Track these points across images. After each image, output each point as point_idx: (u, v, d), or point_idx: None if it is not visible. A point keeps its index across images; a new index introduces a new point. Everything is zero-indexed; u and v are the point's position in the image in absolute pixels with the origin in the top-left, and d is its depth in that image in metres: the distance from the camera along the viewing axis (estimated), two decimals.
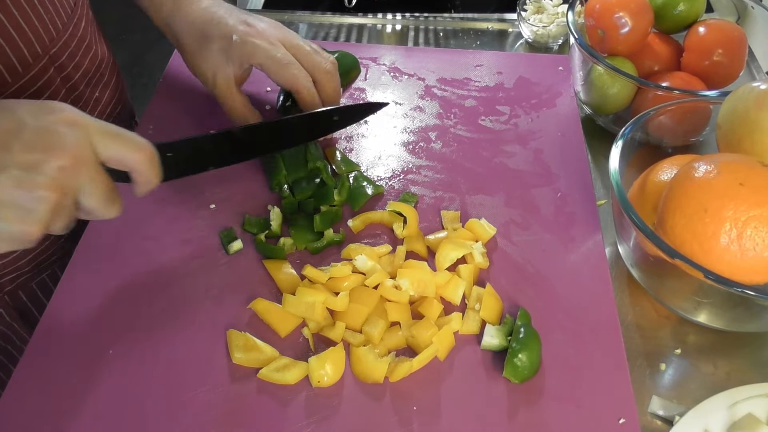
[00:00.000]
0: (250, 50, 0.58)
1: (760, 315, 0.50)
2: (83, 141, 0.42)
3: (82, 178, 0.42)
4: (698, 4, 0.69)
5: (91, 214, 0.45)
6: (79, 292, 0.53)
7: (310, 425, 0.45)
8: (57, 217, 0.42)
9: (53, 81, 0.61)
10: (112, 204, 0.45)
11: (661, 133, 0.61)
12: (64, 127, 0.42)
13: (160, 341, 0.50)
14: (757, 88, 0.52)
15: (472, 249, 0.54)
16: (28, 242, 0.41)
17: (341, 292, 0.51)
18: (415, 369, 0.48)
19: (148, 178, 0.47)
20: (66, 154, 0.41)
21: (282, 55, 0.58)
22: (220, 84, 0.60)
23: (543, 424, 0.46)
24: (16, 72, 0.56)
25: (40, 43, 0.58)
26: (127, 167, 0.45)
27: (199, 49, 0.61)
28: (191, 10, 0.62)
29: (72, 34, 0.63)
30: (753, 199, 0.45)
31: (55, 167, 0.40)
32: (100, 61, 0.69)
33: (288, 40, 0.60)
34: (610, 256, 0.59)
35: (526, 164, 0.64)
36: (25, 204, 0.40)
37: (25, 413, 0.46)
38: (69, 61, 0.62)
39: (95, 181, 0.43)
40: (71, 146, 0.41)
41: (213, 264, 0.55)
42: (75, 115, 0.43)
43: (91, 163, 0.42)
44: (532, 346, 0.47)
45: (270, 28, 0.60)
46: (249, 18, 0.61)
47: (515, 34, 0.89)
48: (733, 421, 0.47)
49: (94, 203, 0.43)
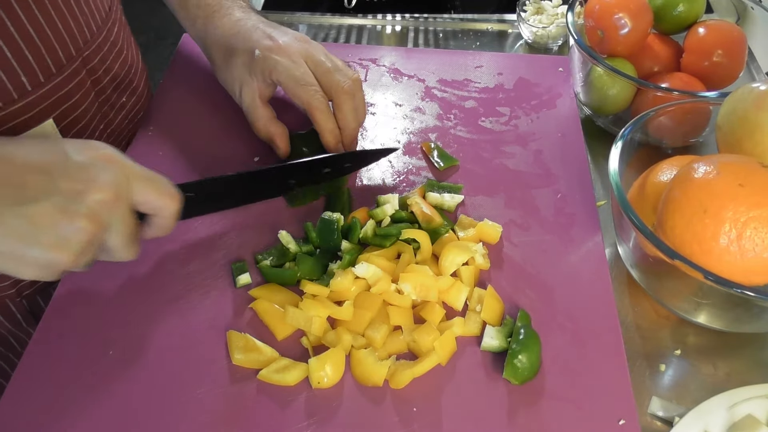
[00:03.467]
0: (271, 66, 0.58)
1: (759, 316, 0.50)
2: (122, 180, 0.43)
3: (116, 215, 0.42)
4: (698, 4, 0.69)
5: (110, 254, 0.45)
6: (79, 293, 0.53)
7: (310, 426, 0.45)
8: (88, 251, 0.42)
9: (84, 84, 0.61)
10: (132, 245, 0.46)
11: (660, 133, 0.61)
12: (104, 163, 0.42)
13: (160, 342, 0.50)
14: (756, 89, 0.52)
15: (475, 252, 0.54)
16: (55, 272, 0.42)
17: (345, 300, 0.51)
18: (416, 375, 0.48)
19: (168, 225, 0.47)
20: (108, 189, 0.41)
21: (300, 75, 0.58)
22: (245, 98, 0.60)
23: (543, 425, 0.46)
24: (49, 73, 0.56)
25: (74, 44, 0.58)
26: (153, 212, 0.46)
27: (225, 63, 0.62)
28: (221, 24, 0.63)
29: (105, 38, 0.63)
30: (752, 199, 0.45)
31: (97, 200, 0.41)
32: (129, 66, 0.69)
33: (311, 55, 0.59)
34: (609, 257, 0.59)
35: (526, 165, 0.64)
36: (64, 231, 0.40)
37: (24, 414, 0.46)
38: (100, 64, 0.63)
39: (125, 220, 0.43)
40: (111, 182, 0.42)
41: (213, 265, 0.55)
42: (115, 154, 0.44)
43: (126, 202, 0.43)
44: (532, 347, 0.47)
45: (293, 43, 0.60)
46: (274, 32, 0.61)
47: (515, 35, 0.89)
48: (732, 422, 0.47)
49: (119, 242, 0.44)
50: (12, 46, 0.52)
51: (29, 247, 0.40)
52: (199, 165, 0.63)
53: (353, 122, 0.60)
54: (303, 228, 0.57)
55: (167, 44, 2.22)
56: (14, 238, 0.40)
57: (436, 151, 0.65)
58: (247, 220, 0.58)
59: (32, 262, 0.41)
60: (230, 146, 0.65)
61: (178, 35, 0.78)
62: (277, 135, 0.61)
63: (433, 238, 0.55)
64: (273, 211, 0.59)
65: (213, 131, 0.67)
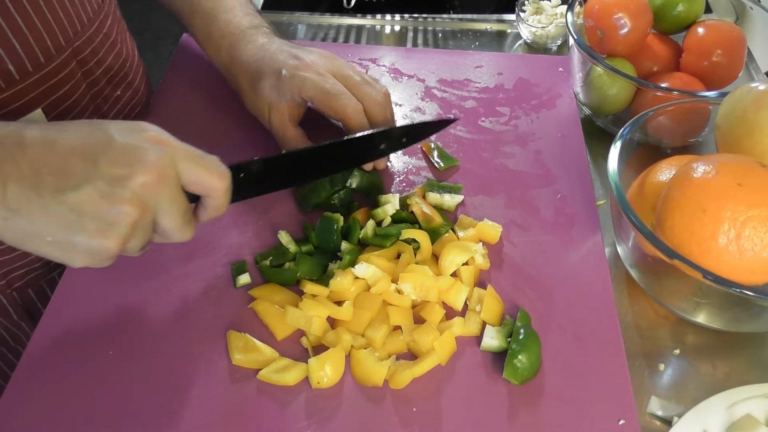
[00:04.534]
0: (299, 83, 0.58)
1: (758, 315, 0.50)
2: (168, 161, 0.42)
3: (163, 197, 0.42)
4: (697, 4, 0.69)
5: (165, 236, 0.45)
6: (79, 293, 0.53)
7: (310, 426, 0.46)
8: (135, 234, 0.42)
9: (74, 74, 0.60)
10: (187, 226, 0.45)
11: (660, 133, 0.61)
12: (150, 144, 0.42)
13: (160, 342, 0.50)
14: (755, 89, 0.52)
15: (474, 252, 0.54)
16: (106, 258, 0.42)
17: (345, 301, 0.51)
18: (416, 375, 0.48)
19: (221, 204, 0.47)
20: (151, 171, 0.41)
21: (330, 86, 0.58)
22: (275, 121, 0.60)
23: (543, 425, 0.46)
24: (38, 62, 0.56)
25: (63, 35, 0.58)
26: (205, 192, 0.45)
27: (252, 88, 0.62)
28: (246, 50, 0.63)
29: (97, 30, 0.63)
30: (751, 199, 0.46)
31: (140, 183, 0.40)
32: (124, 60, 0.69)
33: (338, 70, 0.60)
34: (608, 257, 0.59)
35: (525, 165, 0.64)
36: (107, 217, 0.40)
37: (24, 414, 0.46)
38: (92, 56, 0.63)
39: (175, 201, 0.43)
40: (156, 164, 0.41)
41: (213, 265, 0.55)
42: (162, 135, 0.43)
43: (173, 184, 0.43)
44: (531, 347, 0.47)
45: (320, 60, 0.60)
46: (299, 52, 0.61)
47: (514, 34, 0.89)
48: (731, 422, 0.47)
49: (171, 224, 0.44)
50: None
51: (74, 234, 0.40)
52: None
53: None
54: (303, 228, 0.57)
55: (167, 44, 2.22)
56: (59, 225, 0.40)
57: (436, 151, 0.65)
58: (247, 220, 0.59)
59: (80, 249, 0.41)
60: (230, 146, 0.65)
61: (177, 35, 0.78)
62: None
63: (433, 238, 0.55)
64: (273, 212, 0.59)
65: (213, 131, 0.67)
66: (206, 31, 0.66)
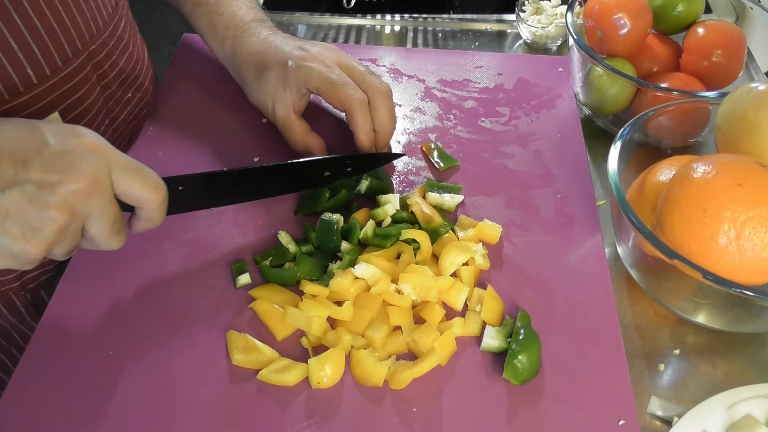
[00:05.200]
0: (305, 74, 0.58)
1: (758, 315, 0.50)
2: (102, 169, 0.42)
3: (93, 205, 0.42)
4: (697, 4, 0.69)
5: (94, 243, 0.45)
6: (79, 294, 0.53)
7: (310, 426, 0.46)
8: (61, 240, 0.42)
9: (89, 78, 0.61)
10: (116, 235, 0.45)
11: (660, 133, 0.61)
12: (85, 151, 0.41)
13: (160, 342, 0.50)
14: (755, 89, 0.52)
15: (474, 252, 0.54)
16: (27, 262, 0.41)
17: (345, 301, 0.51)
18: (416, 376, 0.48)
19: (155, 217, 0.47)
20: (82, 179, 0.40)
21: (337, 77, 0.58)
22: (279, 112, 0.60)
23: (543, 426, 0.46)
24: (55, 66, 0.56)
25: (80, 39, 0.58)
26: (138, 204, 0.45)
27: (257, 80, 0.62)
28: (250, 42, 0.63)
29: (111, 33, 0.63)
30: (751, 199, 0.46)
31: (70, 190, 0.40)
32: (135, 62, 0.69)
33: (343, 62, 0.60)
34: (608, 257, 0.59)
35: (526, 165, 0.64)
36: (33, 222, 0.39)
37: (24, 414, 0.46)
38: (106, 59, 0.63)
39: (106, 211, 0.43)
40: (89, 172, 0.41)
41: (213, 265, 0.55)
42: (98, 142, 0.43)
43: (105, 193, 0.42)
44: (531, 348, 0.47)
45: (325, 51, 0.61)
46: (304, 44, 0.61)
47: (514, 35, 0.89)
48: (731, 422, 0.47)
49: (100, 232, 0.43)
50: (18, 39, 0.52)
51: None
52: (199, 164, 0.63)
53: (389, 125, 0.60)
54: (303, 228, 0.57)
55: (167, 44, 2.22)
56: None
57: (436, 152, 0.65)
58: (247, 220, 0.58)
59: (2, 251, 0.40)
60: (230, 145, 0.65)
61: (177, 35, 0.78)
62: (314, 147, 0.61)
63: (433, 239, 0.55)
64: (273, 212, 0.59)
65: (213, 131, 0.67)
66: (210, 23, 0.67)
